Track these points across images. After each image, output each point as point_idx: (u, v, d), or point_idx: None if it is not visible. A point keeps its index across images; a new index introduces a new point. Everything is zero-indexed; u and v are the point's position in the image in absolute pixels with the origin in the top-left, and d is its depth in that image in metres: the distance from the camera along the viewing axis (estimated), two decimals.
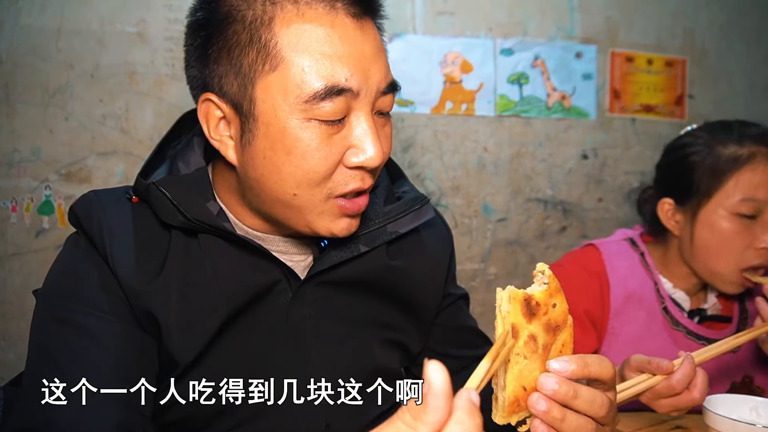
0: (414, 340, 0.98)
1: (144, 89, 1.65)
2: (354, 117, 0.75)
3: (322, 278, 0.87)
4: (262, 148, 0.74)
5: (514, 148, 1.94)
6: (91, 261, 0.79)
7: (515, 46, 1.91)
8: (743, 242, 1.15)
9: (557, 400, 0.61)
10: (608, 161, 2.02)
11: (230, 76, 0.74)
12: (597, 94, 1.99)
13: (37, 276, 1.60)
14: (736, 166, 1.16)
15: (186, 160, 0.85)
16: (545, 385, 0.61)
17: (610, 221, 2.01)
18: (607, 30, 1.99)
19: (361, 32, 0.75)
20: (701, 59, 2.09)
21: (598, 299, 1.24)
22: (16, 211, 1.60)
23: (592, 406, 0.63)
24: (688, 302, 1.27)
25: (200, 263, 0.81)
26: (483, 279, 1.92)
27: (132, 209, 0.82)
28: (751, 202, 1.15)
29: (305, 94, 0.71)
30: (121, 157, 1.65)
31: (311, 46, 0.72)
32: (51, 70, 1.59)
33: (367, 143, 0.75)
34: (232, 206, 0.85)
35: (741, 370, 1.25)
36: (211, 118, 0.78)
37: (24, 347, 0.77)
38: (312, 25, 0.72)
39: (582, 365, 0.63)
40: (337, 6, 0.73)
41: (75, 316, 0.76)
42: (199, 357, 0.81)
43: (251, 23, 0.73)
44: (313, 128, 0.73)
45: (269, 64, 0.72)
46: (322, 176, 0.75)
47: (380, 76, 0.76)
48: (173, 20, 1.66)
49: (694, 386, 0.94)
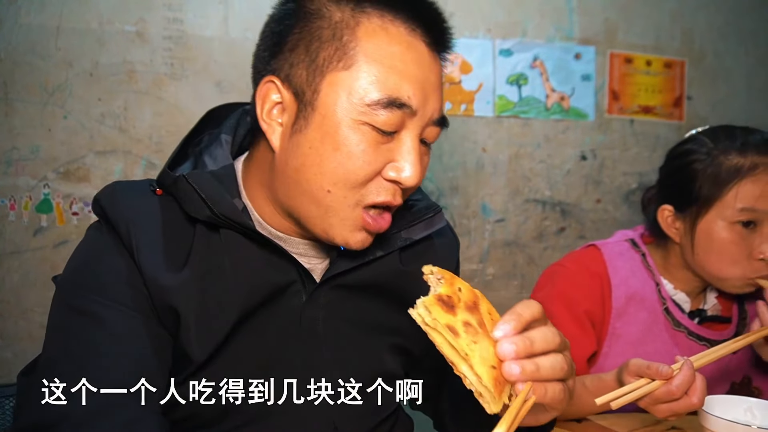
0: (418, 346, 0.99)
1: (143, 88, 1.65)
2: (404, 134, 0.79)
3: (337, 281, 0.88)
4: (311, 138, 0.77)
5: (512, 149, 1.95)
6: (116, 252, 0.80)
7: (514, 47, 1.92)
8: (742, 252, 1.15)
9: (521, 356, 0.65)
10: (607, 162, 2.03)
11: (301, 65, 0.78)
12: (596, 95, 2.00)
13: (35, 274, 1.61)
14: (738, 177, 1.16)
15: (213, 156, 0.87)
16: (505, 352, 0.64)
17: (608, 222, 2.01)
18: (605, 31, 1.99)
19: (430, 60, 0.80)
20: (699, 60, 2.09)
21: (599, 300, 1.24)
22: (14, 210, 1.60)
23: (548, 341, 0.67)
24: (688, 303, 1.27)
25: (220, 259, 0.82)
26: (481, 279, 1.92)
27: (158, 202, 0.83)
28: (751, 213, 1.15)
29: (369, 98, 0.76)
30: (119, 155, 1.65)
31: (386, 59, 0.77)
32: (50, 69, 1.60)
33: (409, 162, 0.78)
34: (257, 203, 0.87)
35: (741, 370, 1.26)
36: (267, 101, 0.81)
37: (21, 345, 0.78)
38: (392, 40, 0.78)
39: (517, 318, 0.67)
40: (416, 31, 0.79)
41: (95, 308, 0.77)
42: (212, 355, 0.81)
43: (338, 23, 0.77)
44: (366, 132, 0.76)
45: (344, 62, 0.76)
46: (360, 180, 0.78)
47: (437, 106, 0.81)
48: (172, 19, 1.66)
49: (693, 391, 0.94)
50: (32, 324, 1.60)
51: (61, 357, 0.75)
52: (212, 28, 1.68)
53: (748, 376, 1.26)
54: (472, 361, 0.64)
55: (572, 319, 1.22)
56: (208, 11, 1.68)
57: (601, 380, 1.03)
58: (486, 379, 0.64)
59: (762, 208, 1.15)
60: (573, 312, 1.23)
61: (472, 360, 0.64)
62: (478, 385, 0.64)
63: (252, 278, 0.83)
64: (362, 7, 0.78)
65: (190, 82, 1.68)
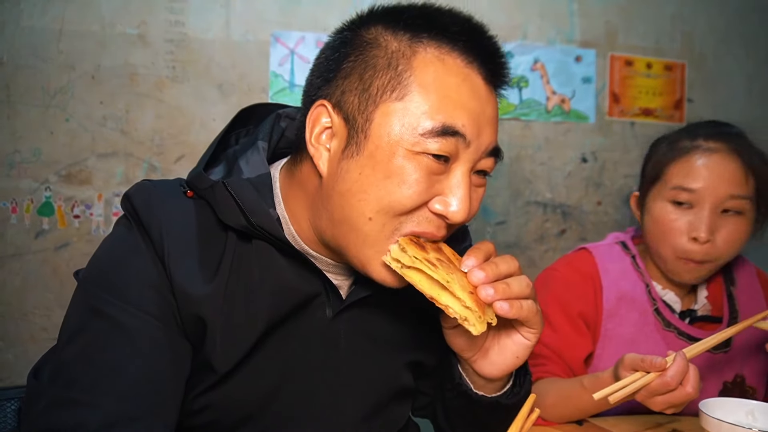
0: (432, 357, 0.99)
1: (144, 91, 1.66)
2: (455, 167, 0.77)
3: (361, 299, 0.87)
4: (362, 165, 0.76)
5: (513, 151, 1.95)
6: (146, 256, 0.77)
7: (515, 50, 1.92)
8: (675, 230, 1.19)
9: (492, 278, 0.73)
10: (607, 164, 2.03)
11: (354, 92, 0.77)
12: (596, 98, 2.00)
13: (36, 277, 1.61)
14: (674, 157, 1.22)
15: (250, 162, 0.85)
16: (477, 277, 0.73)
17: (608, 224, 2.01)
18: (606, 34, 2.00)
19: (486, 94, 0.79)
20: (700, 63, 2.10)
21: (592, 301, 1.25)
22: (16, 212, 1.60)
23: (509, 265, 0.76)
24: (678, 303, 1.28)
25: (249, 270, 0.81)
26: None
27: (192, 206, 0.81)
28: (683, 191, 1.19)
29: (422, 127, 0.74)
30: (121, 158, 1.66)
31: (441, 89, 0.75)
32: (52, 72, 1.60)
33: (458, 197, 0.76)
34: (294, 217, 0.85)
35: (733, 369, 1.26)
36: (317, 125, 0.79)
37: (23, 347, 0.77)
38: (448, 71, 0.76)
39: (476, 251, 0.76)
40: (473, 63, 0.78)
41: (118, 314, 0.75)
42: (236, 366, 0.80)
43: (394, 52, 0.77)
44: (420, 161, 0.75)
45: (398, 92, 0.75)
46: (406, 209, 0.76)
47: (491, 138, 0.80)
48: (174, 22, 1.66)
49: (687, 381, 0.95)
50: (33, 326, 1.60)
51: (78, 363, 0.73)
52: (213, 30, 1.69)
53: (741, 375, 1.26)
54: (453, 287, 0.71)
55: (568, 322, 1.23)
56: (209, 14, 1.68)
57: (597, 378, 1.04)
58: (469, 302, 0.70)
59: (688, 186, 1.18)
60: (568, 314, 1.24)
61: (453, 287, 0.71)
62: (462, 310, 0.70)
63: (279, 290, 0.82)
64: (419, 37, 0.77)
65: (192, 85, 1.68)
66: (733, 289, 1.31)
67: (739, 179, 1.17)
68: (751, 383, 1.27)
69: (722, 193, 1.16)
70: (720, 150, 1.19)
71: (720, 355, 1.24)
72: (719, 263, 1.21)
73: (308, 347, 0.85)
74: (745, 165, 1.18)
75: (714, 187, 1.16)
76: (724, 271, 1.33)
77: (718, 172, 1.17)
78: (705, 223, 1.16)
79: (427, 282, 0.72)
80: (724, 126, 1.26)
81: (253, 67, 1.72)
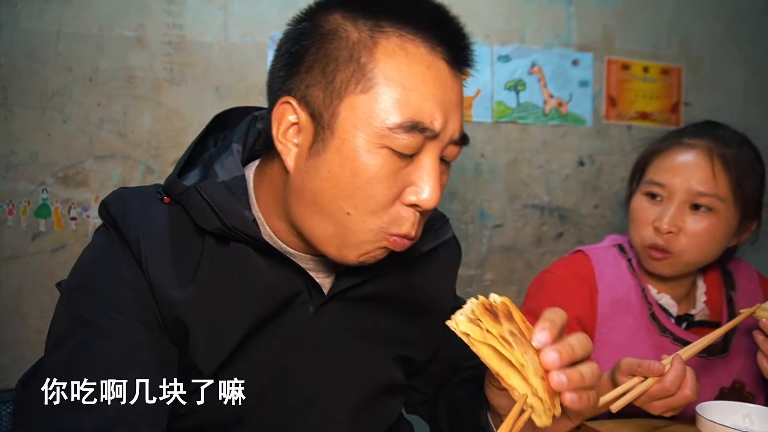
0: (423, 353, 0.99)
1: (142, 93, 1.66)
2: (423, 156, 0.76)
3: (345, 294, 0.87)
4: (330, 162, 0.75)
5: (510, 155, 1.95)
6: (125, 262, 0.78)
7: (512, 53, 1.92)
8: (646, 220, 1.23)
9: (565, 364, 0.65)
10: (604, 168, 2.03)
11: (318, 87, 0.76)
12: (593, 101, 2.00)
13: (33, 279, 1.60)
14: (656, 152, 1.26)
15: (224, 165, 0.85)
16: (550, 360, 0.64)
17: (606, 227, 2.02)
18: (603, 38, 2.00)
19: (451, 79, 0.78)
20: (697, 67, 2.10)
21: (588, 305, 1.25)
22: (12, 214, 1.60)
23: (584, 347, 0.68)
24: (675, 307, 1.28)
25: (229, 271, 0.81)
26: (479, 285, 1.92)
27: (168, 211, 0.81)
28: (654, 185, 1.22)
29: (390, 121, 0.73)
30: (118, 160, 1.65)
31: (406, 80, 0.74)
32: (49, 74, 1.60)
33: (429, 185, 0.76)
34: (269, 217, 0.85)
35: (731, 375, 1.26)
36: (283, 121, 0.79)
37: (20, 351, 0.77)
38: (411, 61, 0.75)
39: (552, 325, 0.66)
40: (437, 50, 0.76)
41: (102, 320, 0.75)
42: (220, 367, 0.81)
43: (355, 44, 0.75)
44: (385, 156, 0.74)
45: (362, 85, 0.74)
46: (380, 205, 0.75)
47: (457, 126, 0.79)
48: (172, 25, 1.66)
49: (686, 384, 0.95)
50: (30, 329, 1.59)
51: (65, 370, 0.73)
52: (212, 33, 1.69)
53: (740, 381, 1.26)
54: (528, 372, 0.62)
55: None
56: (207, 17, 1.68)
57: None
58: (541, 391, 0.62)
59: (659, 180, 1.21)
60: None
61: (527, 372, 0.62)
62: (532, 398, 0.62)
63: (261, 290, 0.82)
64: (380, 26, 0.75)
65: (189, 88, 1.68)
66: (733, 293, 1.31)
67: (707, 176, 1.18)
68: (751, 390, 1.27)
69: (690, 189, 1.18)
70: (696, 147, 1.21)
71: (717, 360, 1.24)
72: (688, 258, 1.21)
73: (294, 346, 0.85)
74: (717, 163, 1.18)
75: (682, 182, 1.19)
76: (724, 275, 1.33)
77: (688, 168, 1.19)
78: (669, 215, 1.18)
79: (496, 357, 0.64)
80: (713, 126, 1.27)
81: (251, 70, 1.72)
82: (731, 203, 1.18)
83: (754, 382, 1.25)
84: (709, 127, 1.26)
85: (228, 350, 0.80)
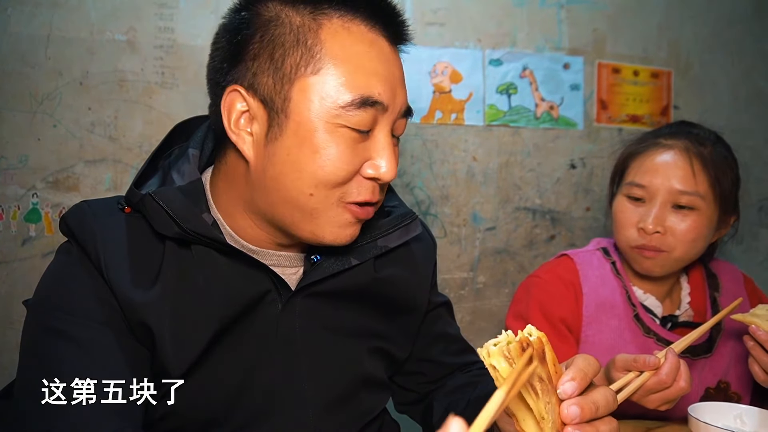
0: (399, 349, 0.99)
1: (133, 97, 1.65)
2: (377, 131, 0.80)
3: (312, 290, 0.88)
4: (288, 145, 0.77)
5: (502, 158, 1.96)
6: (85, 271, 0.79)
7: (504, 57, 1.93)
8: (630, 222, 1.24)
9: (585, 420, 0.63)
10: (596, 171, 2.04)
11: (266, 73, 0.77)
12: (584, 105, 2.02)
13: (23, 284, 1.59)
14: (635, 153, 1.28)
15: (181, 171, 0.86)
16: (571, 416, 0.62)
17: (597, 230, 2.03)
18: (594, 42, 2.02)
19: (392, 55, 0.82)
20: (686, 71, 2.12)
21: (573, 308, 1.26)
22: (2, 219, 1.59)
23: (609, 405, 0.67)
24: (660, 308, 1.29)
25: (193, 274, 0.82)
26: (472, 288, 1.92)
27: (125, 220, 0.82)
28: (635, 187, 1.24)
29: (342, 100, 0.76)
30: (109, 165, 1.64)
31: (352, 58, 0.77)
32: (39, 78, 1.59)
33: (385, 158, 0.80)
34: (229, 216, 0.86)
35: (716, 375, 1.27)
36: (233, 111, 0.80)
37: (9, 357, 0.77)
38: (355, 39, 0.78)
39: (582, 377, 0.65)
40: (376, 27, 0.80)
41: (69, 327, 0.76)
42: (191, 368, 0.81)
43: (299, 27, 0.77)
44: (343, 134, 0.77)
45: (312, 66, 0.76)
46: (341, 180, 0.78)
47: (403, 99, 0.83)
48: (163, 29, 1.66)
49: (680, 376, 0.96)
50: (20, 335, 1.57)
51: (39, 377, 0.73)
52: (203, 37, 1.68)
53: (725, 381, 1.27)
54: (545, 425, 0.61)
55: (551, 328, 1.24)
56: (198, 20, 1.68)
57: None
58: None
59: (640, 182, 1.23)
60: (550, 320, 1.25)
61: (545, 425, 0.61)
62: None
63: (227, 291, 0.83)
64: (321, 9, 0.78)
65: (181, 91, 1.68)
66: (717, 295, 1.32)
67: (688, 176, 1.19)
68: (736, 389, 1.28)
69: (671, 189, 1.20)
70: (674, 147, 1.22)
71: (701, 360, 1.25)
72: (676, 256, 1.22)
73: (265, 344, 0.86)
74: (696, 162, 1.20)
75: (662, 182, 1.20)
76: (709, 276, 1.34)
77: (668, 169, 1.21)
78: (652, 216, 1.20)
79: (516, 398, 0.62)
80: (687, 125, 1.29)
81: None
82: (711, 200, 1.19)
83: (739, 382, 1.26)
84: (683, 127, 1.28)
85: (197, 352, 0.81)
